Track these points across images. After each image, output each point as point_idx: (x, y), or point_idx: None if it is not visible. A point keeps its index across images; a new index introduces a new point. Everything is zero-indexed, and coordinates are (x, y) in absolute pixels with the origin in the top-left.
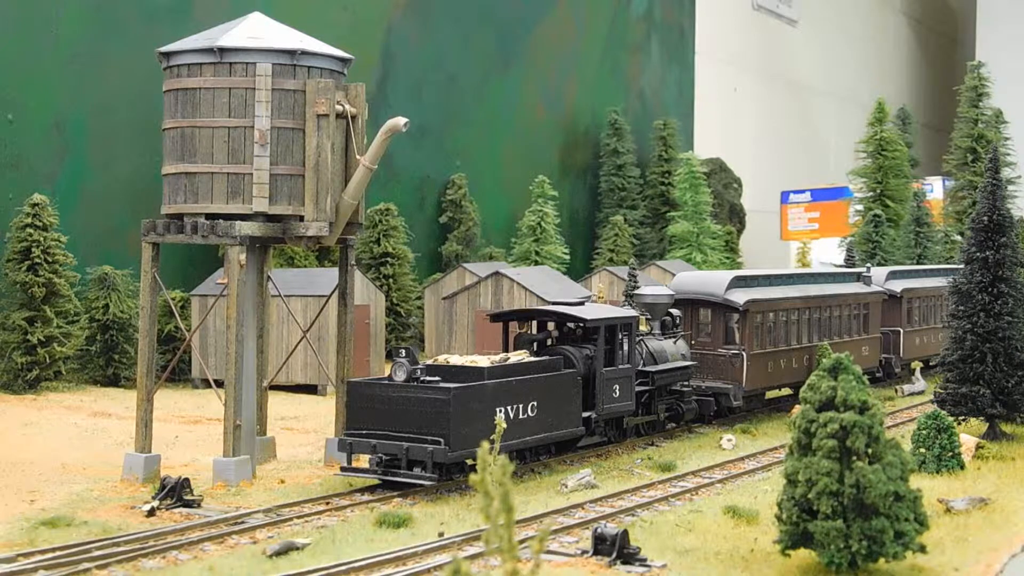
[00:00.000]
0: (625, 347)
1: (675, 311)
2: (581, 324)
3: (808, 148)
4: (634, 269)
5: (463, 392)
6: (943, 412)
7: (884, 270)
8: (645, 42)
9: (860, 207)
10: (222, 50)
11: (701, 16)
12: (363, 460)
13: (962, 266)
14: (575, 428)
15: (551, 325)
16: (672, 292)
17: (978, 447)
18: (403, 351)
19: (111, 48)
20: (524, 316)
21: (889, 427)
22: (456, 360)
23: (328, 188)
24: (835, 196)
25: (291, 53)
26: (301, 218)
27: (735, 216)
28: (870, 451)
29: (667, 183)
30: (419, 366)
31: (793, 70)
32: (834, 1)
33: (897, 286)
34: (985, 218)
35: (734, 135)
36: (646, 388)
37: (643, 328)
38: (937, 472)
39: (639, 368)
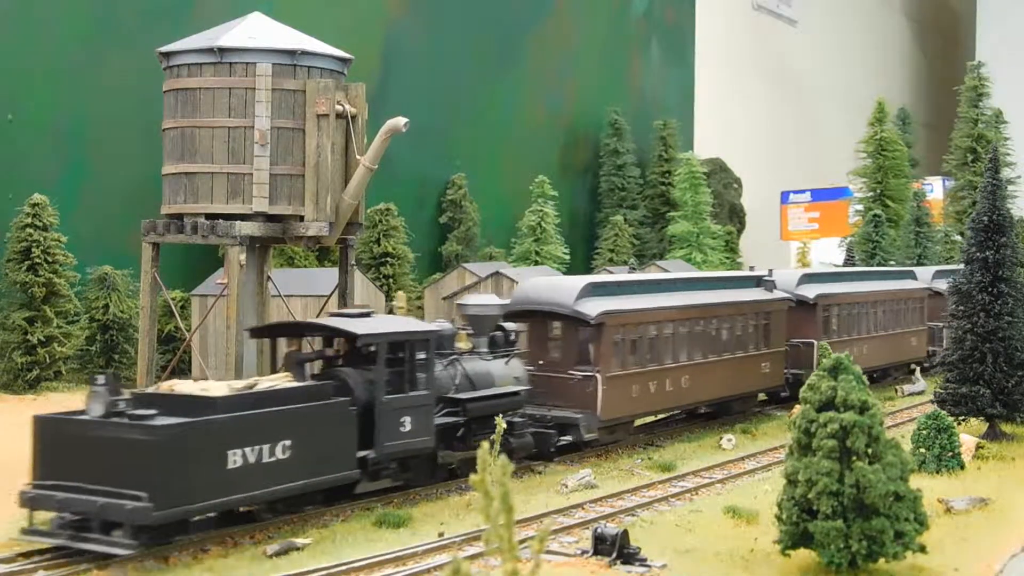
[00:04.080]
0: (423, 369)
1: (511, 325)
2: (355, 341)
3: (808, 148)
4: (634, 269)
5: (179, 431)
6: (943, 412)
7: (796, 273)
8: (645, 42)
9: (860, 207)
10: (222, 50)
11: (701, 16)
12: None
13: (895, 268)
14: (347, 471)
15: (338, 343)
16: (502, 302)
17: (978, 447)
18: (101, 377)
19: (111, 48)
20: (287, 331)
21: (889, 427)
22: (186, 387)
23: (328, 188)
24: (835, 196)
25: (291, 53)
26: (301, 218)
27: (735, 216)
28: (870, 451)
29: (667, 183)
30: (123, 396)
31: (793, 70)
32: (834, 1)
33: (811, 291)
34: (985, 218)
35: (734, 135)
36: (457, 419)
37: (462, 345)
38: (937, 472)
39: (448, 395)
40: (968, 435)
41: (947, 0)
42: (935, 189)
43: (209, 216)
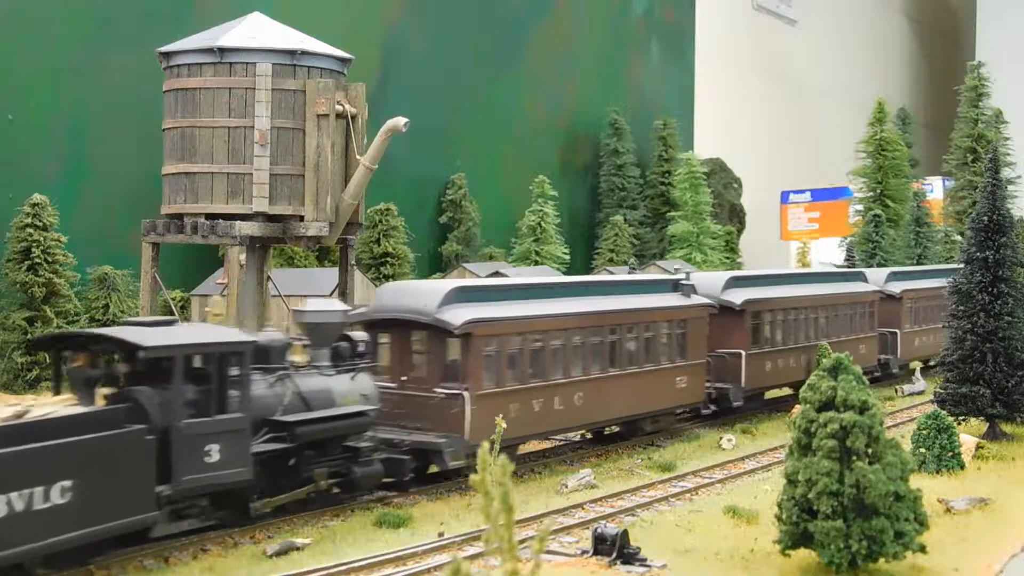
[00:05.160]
0: (236, 387)
1: (360, 335)
2: (134, 355)
3: (808, 148)
4: (634, 269)
5: None
6: (943, 412)
7: (722, 276)
8: (645, 42)
9: (860, 207)
10: (222, 50)
11: (701, 16)
12: None
13: (841, 270)
14: (142, 514)
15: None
16: (345, 308)
17: (978, 447)
18: None
19: (111, 48)
20: (70, 342)
21: (889, 427)
22: None
23: (328, 188)
24: (835, 196)
25: (291, 53)
26: (301, 218)
27: (735, 216)
28: (870, 451)
29: (667, 183)
30: None
31: (793, 70)
32: (834, 1)
33: (738, 296)
34: (985, 218)
35: (734, 135)
36: (284, 446)
37: (298, 358)
38: (937, 472)
39: (273, 417)
40: (968, 435)
41: (947, 0)
42: (935, 189)
43: (209, 216)
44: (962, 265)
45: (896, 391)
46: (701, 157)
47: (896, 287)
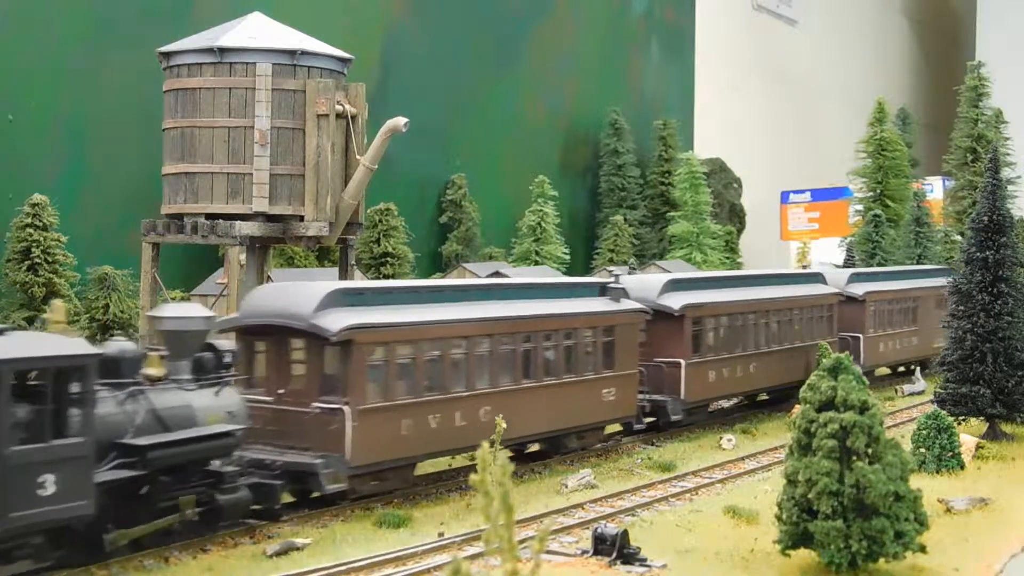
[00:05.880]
0: (78, 407)
1: (225, 344)
2: None
3: (808, 148)
4: (634, 269)
5: None
6: (943, 412)
7: (659, 279)
8: (645, 42)
9: (860, 207)
10: (222, 50)
11: (701, 16)
12: None
13: (798, 272)
14: None
15: None
16: (208, 314)
17: (978, 447)
18: None
19: (111, 48)
20: None
21: (889, 427)
22: None
23: (328, 188)
24: (835, 196)
25: (291, 53)
26: (301, 218)
27: (735, 216)
28: (870, 451)
29: (667, 183)
30: None
31: (793, 70)
32: (834, 1)
33: (676, 301)
34: (985, 218)
35: (734, 135)
36: (135, 474)
37: (154, 371)
38: (937, 472)
39: (123, 440)
40: (968, 435)
41: (947, 0)
42: (935, 189)
43: (209, 216)
44: (932, 267)
45: (896, 391)
46: (701, 157)
47: (859, 289)
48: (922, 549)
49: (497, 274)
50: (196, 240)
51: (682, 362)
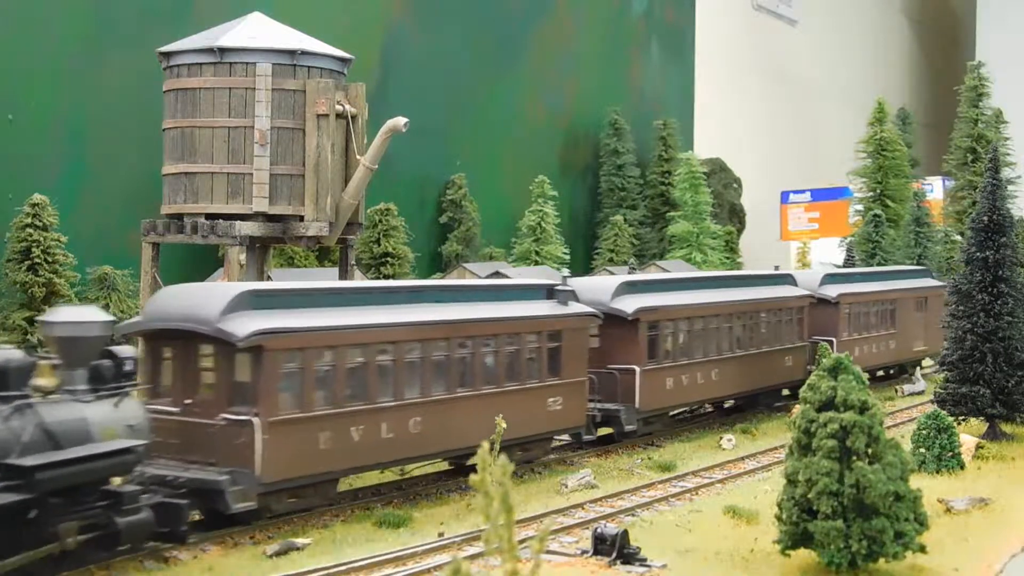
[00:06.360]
0: None
1: (126, 351)
2: None
3: (808, 148)
4: (634, 269)
5: None
6: (943, 412)
7: (613, 281)
8: (645, 42)
9: (860, 207)
10: (222, 50)
11: (701, 16)
12: None
13: (765, 273)
14: None
15: None
16: (105, 319)
17: (978, 447)
18: None
19: (111, 48)
20: None
21: (889, 427)
22: None
23: (328, 188)
24: (835, 196)
25: (291, 53)
26: (301, 218)
27: (735, 216)
28: (870, 451)
29: (667, 183)
30: None
31: (793, 70)
32: (834, 1)
33: (629, 304)
34: (985, 218)
35: (734, 135)
36: (20, 498)
37: (45, 382)
38: (937, 472)
39: (6, 460)
40: (968, 435)
41: (947, 0)
42: (935, 189)
43: (209, 216)
44: (911, 267)
45: (896, 391)
46: (701, 157)
47: (832, 291)
48: (922, 549)
49: (497, 274)
50: (196, 240)
51: (636, 369)
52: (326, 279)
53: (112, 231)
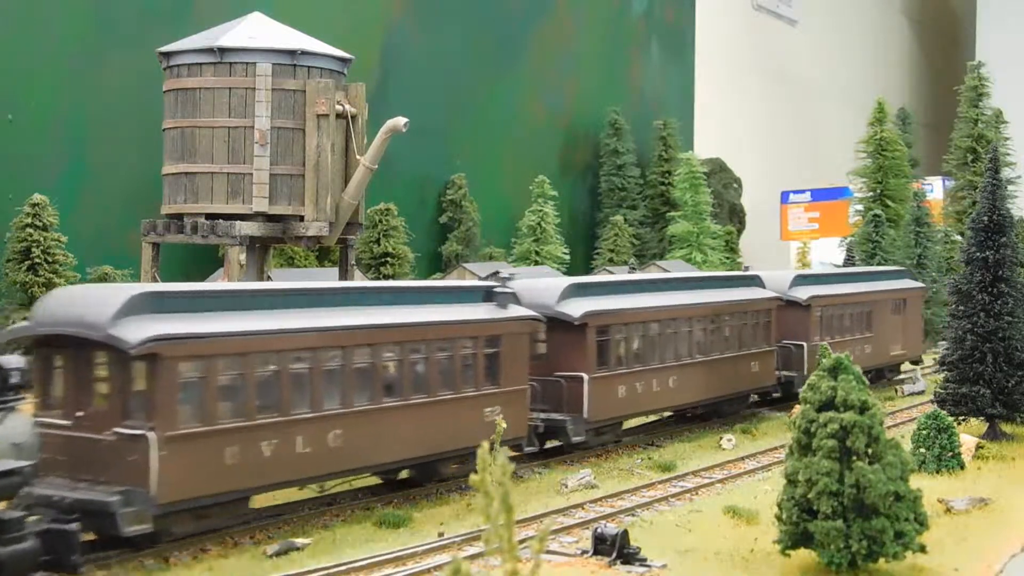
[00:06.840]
0: None
1: (13, 360)
2: None
3: (808, 148)
4: (634, 269)
5: None
6: (943, 412)
7: (560, 283)
8: (645, 42)
9: (860, 207)
10: (222, 50)
11: (701, 16)
12: None
13: (730, 274)
14: None
15: None
16: None
17: (978, 447)
18: None
19: (111, 48)
20: None
21: (889, 427)
22: None
23: (328, 188)
24: (835, 196)
25: (291, 53)
26: (301, 218)
27: (735, 216)
28: (870, 451)
29: (667, 183)
30: None
31: (793, 70)
32: (834, 1)
33: (577, 308)
34: (985, 218)
35: (734, 135)
36: None
37: None
38: (937, 472)
39: None
40: (968, 435)
41: (947, 0)
42: (935, 189)
43: (209, 216)
44: (889, 268)
45: (896, 391)
46: (701, 157)
47: (803, 292)
48: (922, 549)
49: (497, 274)
50: (196, 240)
51: (584, 376)
52: (326, 279)
53: (112, 231)
